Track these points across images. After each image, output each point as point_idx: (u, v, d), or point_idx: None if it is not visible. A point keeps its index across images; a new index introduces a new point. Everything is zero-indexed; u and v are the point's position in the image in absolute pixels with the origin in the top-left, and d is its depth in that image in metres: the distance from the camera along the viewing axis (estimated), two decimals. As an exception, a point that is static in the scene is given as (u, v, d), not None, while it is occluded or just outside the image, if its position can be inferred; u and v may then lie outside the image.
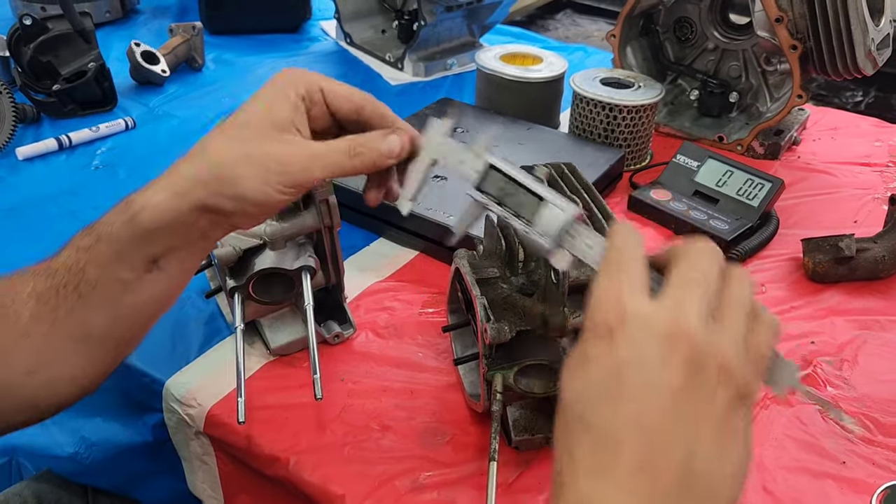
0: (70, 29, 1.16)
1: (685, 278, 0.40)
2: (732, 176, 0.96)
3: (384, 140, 0.53)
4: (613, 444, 0.37)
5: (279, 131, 0.51)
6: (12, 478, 0.85)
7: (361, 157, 0.52)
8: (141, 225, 0.50)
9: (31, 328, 0.51)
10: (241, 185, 0.49)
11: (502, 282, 0.64)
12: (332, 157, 0.52)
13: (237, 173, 0.49)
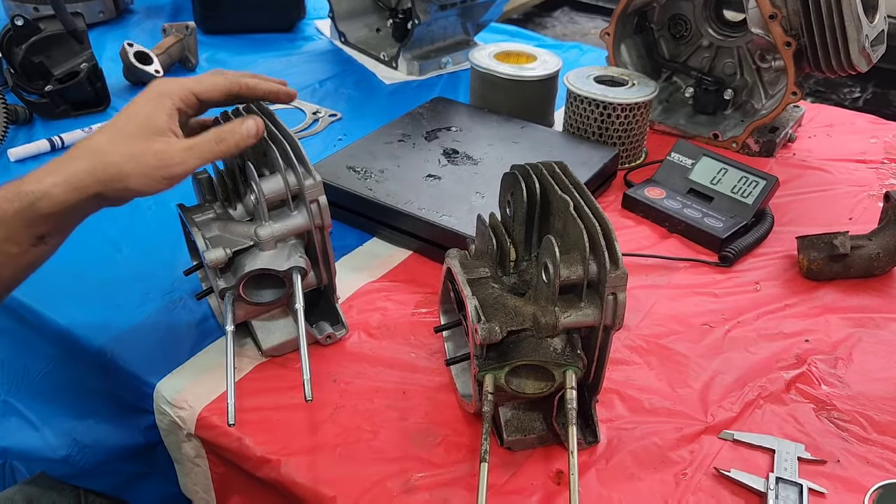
0: (62, 29, 1.15)
1: None
2: (727, 174, 0.96)
3: (243, 125, 0.65)
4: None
5: (158, 135, 0.62)
6: (6, 481, 0.85)
7: (226, 141, 0.64)
8: (38, 212, 0.58)
9: None
10: (129, 181, 0.60)
11: (493, 282, 0.64)
12: (203, 146, 0.63)
13: (125, 171, 0.60)
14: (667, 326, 0.79)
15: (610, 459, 0.64)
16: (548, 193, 0.63)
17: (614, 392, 0.70)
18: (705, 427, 0.67)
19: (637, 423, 0.68)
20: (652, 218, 0.97)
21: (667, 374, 0.73)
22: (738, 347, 0.77)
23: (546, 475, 0.63)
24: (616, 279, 0.56)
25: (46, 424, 0.82)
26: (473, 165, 0.96)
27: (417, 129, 1.04)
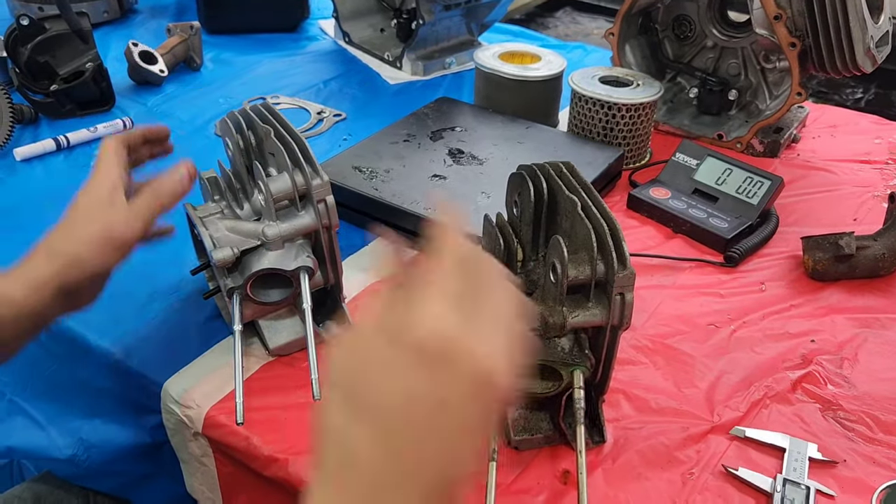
0: (67, 29, 1.15)
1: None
2: (732, 174, 0.96)
3: (176, 174, 0.66)
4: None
5: (109, 204, 0.63)
6: (13, 478, 0.85)
7: (163, 196, 0.64)
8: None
9: None
10: (85, 263, 0.61)
11: (501, 281, 0.64)
12: (143, 206, 0.64)
13: (79, 253, 0.61)
14: (672, 326, 0.79)
15: (617, 459, 0.64)
16: (555, 193, 0.63)
17: (620, 392, 0.70)
18: (712, 427, 0.67)
19: (643, 423, 0.68)
20: (657, 218, 0.97)
21: (673, 374, 0.73)
22: (744, 347, 0.77)
23: (553, 475, 0.63)
24: (624, 279, 0.56)
25: (52, 424, 0.82)
26: (479, 165, 0.96)
27: (422, 129, 1.04)
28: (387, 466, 0.37)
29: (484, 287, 0.41)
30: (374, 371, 0.38)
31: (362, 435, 0.37)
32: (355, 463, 0.37)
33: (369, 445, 0.37)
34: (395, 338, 0.38)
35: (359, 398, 0.38)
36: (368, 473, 0.37)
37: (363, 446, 0.37)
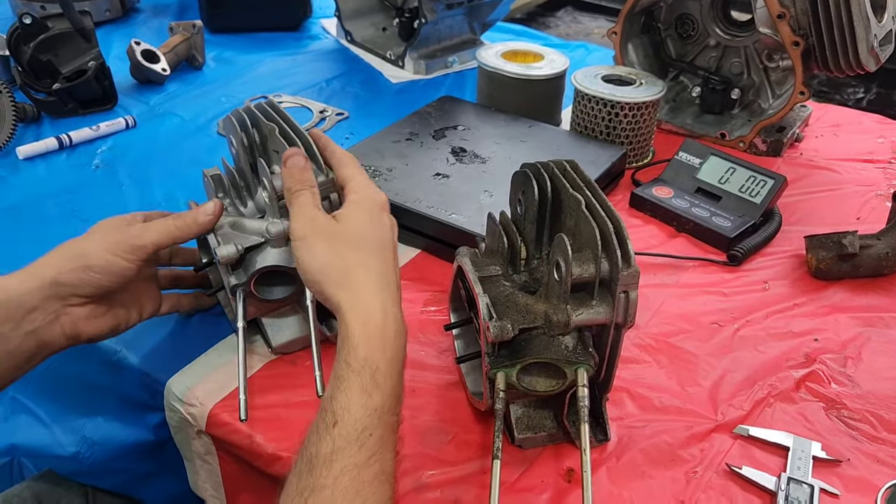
0: (70, 27, 1.15)
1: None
2: (735, 173, 0.96)
3: (203, 207, 0.68)
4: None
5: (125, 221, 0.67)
6: (13, 477, 0.85)
7: (184, 220, 0.67)
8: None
9: None
10: (90, 257, 0.62)
11: (504, 279, 0.64)
12: (160, 221, 0.66)
13: (86, 248, 0.63)
14: (676, 325, 0.79)
15: (620, 457, 0.64)
16: (559, 191, 0.63)
17: (624, 390, 0.70)
18: (715, 425, 0.67)
19: (647, 422, 0.68)
20: (660, 217, 0.97)
21: (676, 373, 0.73)
22: (748, 346, 0.77)
23: (557, 473, 0.63)
24: (628, 277, 0.56)
25: (55, 421, 0.82)
26: (481, 164, 0.96)
27: (425, 127, 1.04)
28: (381, 268, 0.60)
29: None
30: (360, 222, 0.62)
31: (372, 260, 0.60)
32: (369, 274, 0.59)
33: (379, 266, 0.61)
34: (360, 204, 0.63)
35: (360, 243, 0.61)
36: (377, 274, 0.60)
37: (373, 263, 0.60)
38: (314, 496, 0.49)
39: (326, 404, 0.53)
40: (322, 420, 0.52)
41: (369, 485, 0.50)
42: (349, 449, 0.50)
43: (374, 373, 0.53)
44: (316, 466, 0.50)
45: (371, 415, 0.52)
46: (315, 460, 0.50)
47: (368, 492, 0.50)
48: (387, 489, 0.51)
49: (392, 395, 0.54)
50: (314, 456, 0.51)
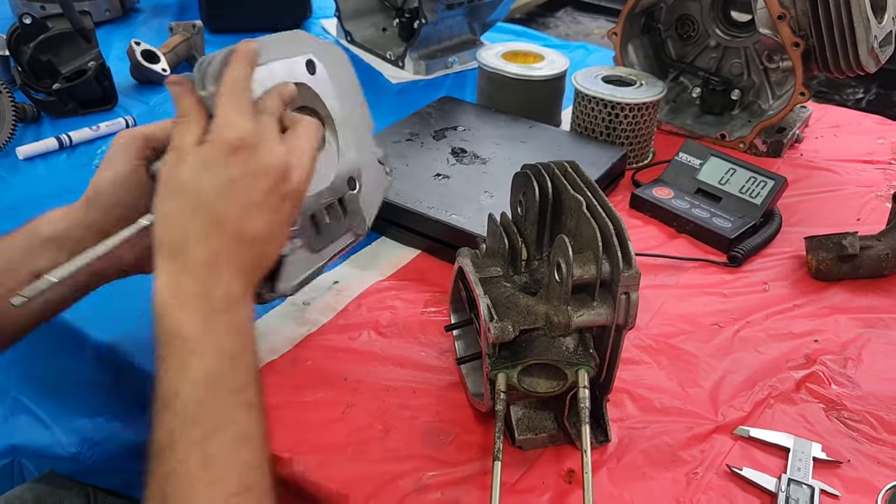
0: (70, 28, 1.15)
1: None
2: (735, 174, 0.96)
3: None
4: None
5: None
6: (14, 479, 0.85)
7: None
8: (39, 236, 0.60)
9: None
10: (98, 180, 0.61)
11: (505, 280, 0.64)
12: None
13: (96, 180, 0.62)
14: (676, 326, 0.79)
15: (621, 458, 0.64)
16: (560, 193, 0.63)
17: (625, 391, 0.70)
18: (716, 426, 0.67)
19: (648, 423, 0.68)
20: (660, 218, 0.97)
21: (677, 374, 0.73)
22: (748, 347, 0.77)
23: (557, 474, 0.63)
24: (629, 278, 0.56)
25: (56, 422, 0.82)
26: (482, 165, 0.96)
27: (425, 128, 1.04)
28: (215, 241, 0.52)
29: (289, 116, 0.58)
30: (196, 169, 0.52)
31: (195, 218, 0.51)
32: (189, 241, 0.51)
33: (200, 226, 0.51)
34: (208, 143, 0.52)
35: (188, 193, 0.52)
36: (202, 249, 0.51)
37: (195, 227, 0.51)
38: (168, 483, 0.47)
39: (156, 387, 0.51)
40: (154, 406, 0.50)
41: (221, 456, 0.48)
42: (185, 428, 0.48)
43: (183, 341, 0.50)
44: (163, 452, 0.48)
45: (196, 385, 0.49)
46: (159, 447, 0.48)
47: (221, 464, 0.48)
48: (246, 451, 0.49)
49: (216, 355, 0.50)
50: (158, 443, 0.49)
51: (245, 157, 0.53)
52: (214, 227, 0.52)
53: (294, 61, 0.64)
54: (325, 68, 0.66)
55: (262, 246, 0.55)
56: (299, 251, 0.66)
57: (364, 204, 0.72)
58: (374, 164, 0.73)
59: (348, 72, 0.70)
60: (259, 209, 0.53)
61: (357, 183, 0.70)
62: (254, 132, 0.53)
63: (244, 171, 0.53)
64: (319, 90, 0.66)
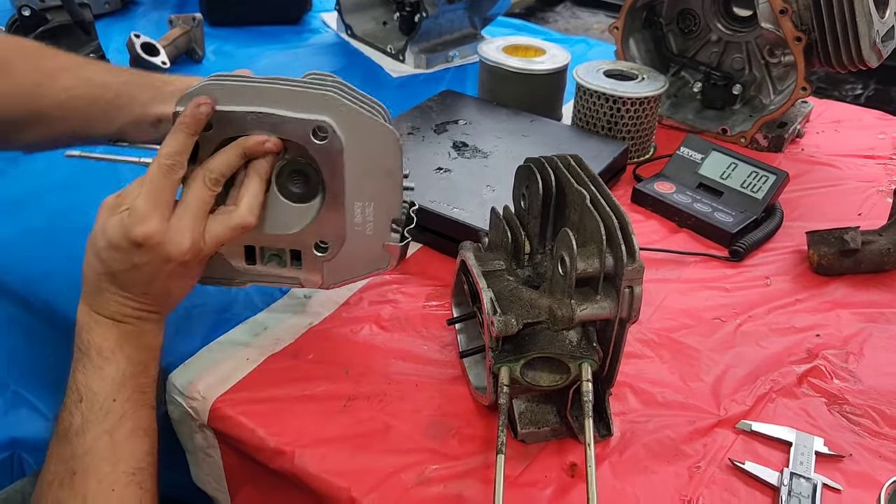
0: (69, 20, 1.15)
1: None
2: (737, 168, 0.96)
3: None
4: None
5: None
6: (14, 473, 0.85)
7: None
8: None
9: (46, 112, 0.69)
10: None
11: (508, 274, 0.64)
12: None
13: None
14: (678, 320, 0.79)
15: (623, 452, 0.64)
16: (563, 186, 0.63)
17: (627, 385, 0.70)
18: (718, 420, 0.67)
19: (650, 417, 0.68)
20: (661, 212, 0.97)
21: (679, 368, 0.73)
22: (750, 342, 0.77)
23: (560, 467, 0.63)
24: (633, 272, 0.56)
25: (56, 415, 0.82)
26: (483, 158, 0.95)
27: (426, 122, 1.03)
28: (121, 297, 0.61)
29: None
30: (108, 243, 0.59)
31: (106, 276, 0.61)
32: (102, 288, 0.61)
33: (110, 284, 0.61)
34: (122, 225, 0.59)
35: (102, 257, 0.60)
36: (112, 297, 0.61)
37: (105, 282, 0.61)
38: (76, 462, 0.57)
39: (70, 383, 0.61)
40: (69, 398, 0.60)
41: (125, 442, 0.59)
42: (97, 417, 0.58)
43: (99, 351, 0.60)
44: (72, 437, 0.58)
45: (110, 384, 0.59)
46: (70, 432, 0.58)
47: (124, 448, 0.59)
48: (144, 441, 0.60)
49: (127, 362, 0.61)
50: (68, 428, 0.58)
51: (149, 249, 0.59)
52: (122, 288, 0.61)
53: (305, 120, 0.62)
54: (342, 141, 0.63)
55: (167, 299, 0.64)
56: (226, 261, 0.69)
57: (334, 268, 0.69)
58: (372, 245, 0.68)
59: (384, 154, 0.65)
60: (161, 282, 0.61)
61: (327, 248, 0.68)
62: (160, 232, 0.59)
63: (148, 259, 0.59)
64: (322, 159, 0.64)
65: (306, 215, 0.67)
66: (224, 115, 0.62)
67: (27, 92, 0.69)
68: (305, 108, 0.62)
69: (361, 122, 0.64)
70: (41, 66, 0.70)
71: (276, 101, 0.62)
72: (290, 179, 0.67)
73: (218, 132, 0.63)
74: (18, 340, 0.84)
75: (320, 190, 0.66)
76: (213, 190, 0.61)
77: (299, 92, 0.62)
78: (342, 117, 0.63)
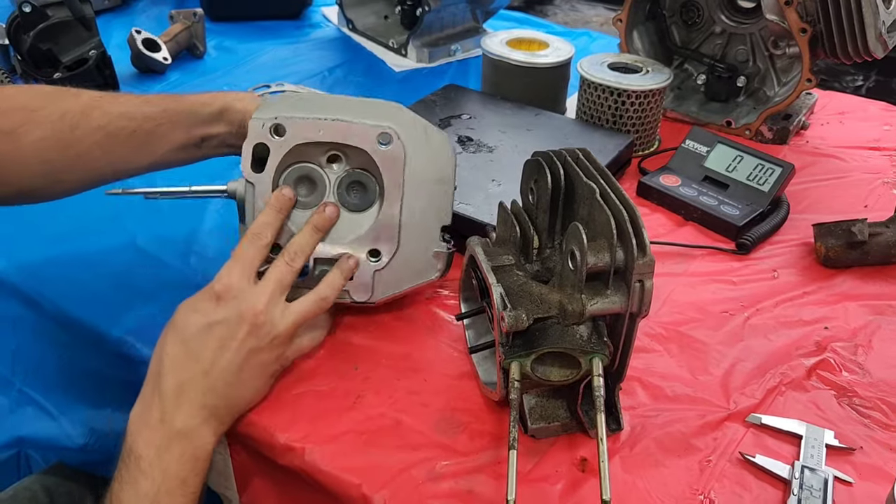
0: (70, 16, 1.14)
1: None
2: (742, 161, 0.96)
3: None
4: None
5: None
6: (21, 470, 0.85)
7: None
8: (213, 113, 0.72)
9: (86, 153, 0.70)
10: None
11: (517, 269, 0.64)
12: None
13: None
14: (686, 314, 0.79)
15: (634, 447, 0.64)
16: (572, 180, 0.62)
17: (636, 380, 0.70)
18: (728, 414, 0.67)
19: (660, 411, 0.67)
20: (667, 205, 0.96)
21: (687, 362, 0.73)
22: (758, 335, 0.76)
23: (571, 462, 0.62)
24: (644, 266, 0.56)
25: (63, 414, 0.82)
26: (489, 153, 0.95)
27: (430, 116, 1.03)
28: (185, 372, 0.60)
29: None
30: (188, 309, 0.62)
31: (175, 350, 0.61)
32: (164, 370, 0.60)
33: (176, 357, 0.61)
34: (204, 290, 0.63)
35: (178, 328, 0.62)
36: (172, 378, 0.60)
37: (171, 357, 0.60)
38: None
39: (110, 489, 0.58)
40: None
41: None
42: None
43: (137, 460, 0.57)
44: None
45: (141, 500, 0.56)
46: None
47: None
48: None
49: (164, 480, 0.57)
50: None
51: (226, 302, 0.61)
52: (188, 360, 0.60)
53: (371, 126, 0.66)
54: (404, 147, 0.67)
55: (231, 388, 0.62)
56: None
57: (384, 279, 0.71)
58: (423, 252, 0.72)
59: (440, 161, 0.70)
60: (232, 352, 0.61)
61: (380, 256, 0.70)
62: (239, 287, 0.62)
63: (224, 316, 0.61)
64: (384, 165, 0.67)
65: (362, 224, 0.70)
66: (294, 122, 0.66)
67: (63, 137, 0.69)
68: (371, 116, 0.66)
69: (422, 130, 0.68)
70: (70, 108, 0.69)
71: (344, 110, 0.66)
72: (349, 190, 0.70)
73: (290, 137, 0.66)
74: (25, 339, 0.84)
75: (377, 198, 0.70)
76: (293, 267, 0.65)
77: (363, 101, 0.67)
78: (405, 124, 0.67)
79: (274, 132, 0.66)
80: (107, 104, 0.71)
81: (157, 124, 0.71)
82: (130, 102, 0.72)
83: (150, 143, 0.72)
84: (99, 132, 0.69)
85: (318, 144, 0.68)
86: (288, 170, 0.69)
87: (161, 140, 0.72)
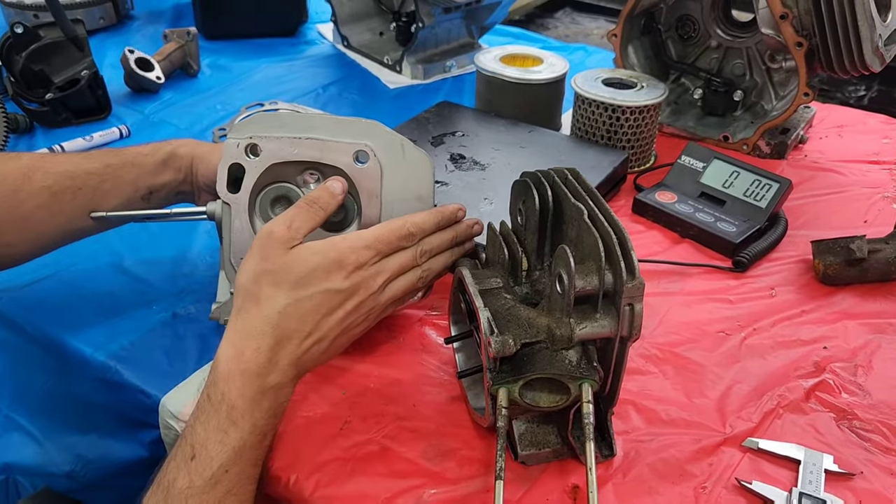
0: (63, 37, 1.14)
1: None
2: (739, 176, 0.94)
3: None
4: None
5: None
6: (9, 496, 0.84)
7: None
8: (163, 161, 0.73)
9: (31, 214, 0.69)
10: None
11: (506, 292, 0.62)
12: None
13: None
14: (681, 334, 0.77)
15: (627, 473, 0.62)
16: (560, 201, 0.61)
17: (629, 403, 0.69)
18: (724, 438, 0.66)
19: (654, 435, 0.66)
20: (663, 222, 0.95)
21: (683, 384, 0.71)
22: (755, 355, 0.75)
23: (562, 490, 0.61)
24: (633, 289, 0.54)
25: (49, 439, 0.81)
26: (481, 171, 0.94)
27: (423, 134, 1.02)
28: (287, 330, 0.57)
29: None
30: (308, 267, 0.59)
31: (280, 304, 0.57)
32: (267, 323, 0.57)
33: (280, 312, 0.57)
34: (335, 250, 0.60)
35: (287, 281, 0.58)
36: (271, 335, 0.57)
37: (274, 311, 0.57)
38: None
39: (187, 432, 0.56)
40: (181, 449, 0.55)
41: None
42: (205, 486, 0.53)
43: (230, 410, 0.55)
44: (174, 495, 0.53)
45: (228, 452, 0.54)
46: (171, 490, 0.53)
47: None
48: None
49: (252, 432, 0.55)
50: (171, 485, 0.53)
51: (349, 277, 0.59)
52: (294, 318, 0.57)
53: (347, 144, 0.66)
54: (380, 165, 0.67)
55: (324, 354, 0.60)
56: None
57: None
58: None
59: (418, 179, 0.69)
60: (336, 321, 0.59)
61: None
62: (368, 267, 0.60)
63: (348, 285, 0.59)
64: (360, 183, 0.67)
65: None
66: (270, 141, 0.66)
67: (5, 201, 0.68)
68: (347, 134, 0.66)
69: (399, 147, 0.67)
70: (10, 171, 0.69)
71: (320, 129, 0.66)
72: None
73: (265, 157, 0.66)
74: (10, 364, 0.83)
75: (356, 216, 0.69)
76: (420, 262, 0.65)
77: (340, 119, 0.67)
78: (381, 142, 0.67)
79: (249, 152, 0.66)
80: (48, 164, 0.70)
81: (102, 180, 0.71)
82: (71, 161, 0.71)
83: (97, 201, 0.71)
84: (43, 193, 0.69)
85: (295, 163, 0.67)
86: (265, 190, 0.68)
87: (107, 196, 0.71)
